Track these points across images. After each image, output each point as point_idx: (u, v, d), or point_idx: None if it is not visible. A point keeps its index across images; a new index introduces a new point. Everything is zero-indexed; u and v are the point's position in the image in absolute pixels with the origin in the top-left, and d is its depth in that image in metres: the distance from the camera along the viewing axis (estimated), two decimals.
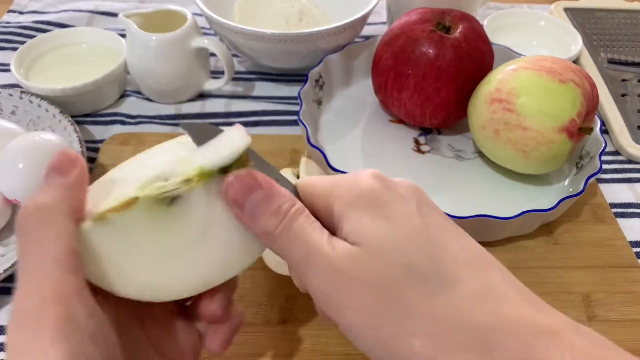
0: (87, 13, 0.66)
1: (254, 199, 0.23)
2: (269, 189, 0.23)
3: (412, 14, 0.48)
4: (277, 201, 0.23)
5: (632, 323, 0.38)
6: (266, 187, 0.23)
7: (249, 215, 0.23)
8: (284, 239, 0.22)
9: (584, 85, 0.41)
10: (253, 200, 0.23)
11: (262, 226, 0.23)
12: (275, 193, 0.23)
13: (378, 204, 0.22)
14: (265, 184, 0.23)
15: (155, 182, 0.23)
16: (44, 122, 0.48)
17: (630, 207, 0.47)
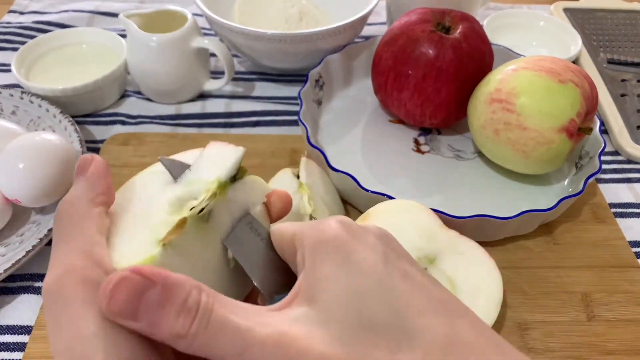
0: (87, 13, 0.66)
1: (148, 302, 0.18)
2: (164, 281, 0.18)
3: (412, 14, 0.48)
4: (180, 294, 0.18)
5: (632, 323, 0.38)
6: (159, 279, 0.18)
7: (148, 324, 0.18)
8: (203, 338, 0.18)
9: (584, 85, 0.41)
10: (147, 305, 0.18)
11: (169, 332, 0.18)
12: (173, 284, 0.18)
13: (341, 252, 0.21)
14: (156, 277, 0.18)
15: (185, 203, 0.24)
16: (45, 122, 0.48)
17: (630, 207, 0.47)
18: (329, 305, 0.19)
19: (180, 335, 0.18)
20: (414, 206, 0.38)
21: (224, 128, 0.53)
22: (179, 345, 0.18)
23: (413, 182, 0.47)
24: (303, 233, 0.22)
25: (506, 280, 0.40)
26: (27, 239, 0.40)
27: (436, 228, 0.37)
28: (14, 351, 0.36)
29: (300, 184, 0.40)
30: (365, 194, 0.41)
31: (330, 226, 0.22)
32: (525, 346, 0.37)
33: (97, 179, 0.24)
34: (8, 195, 0.40)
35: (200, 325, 0.18)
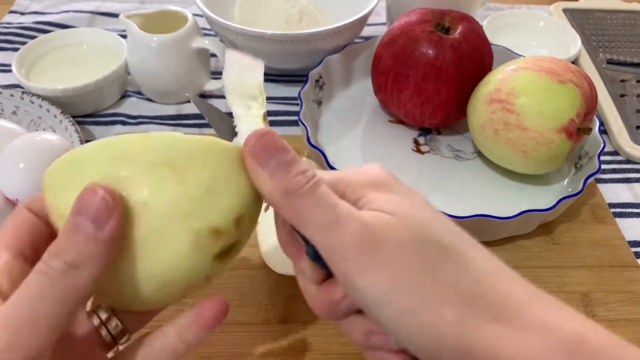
0: (88, 14, 0.66)
1: (281, 158, 0.22)
2: (295, 155, 0.22)
3: (411, 15, 0.48)
4: (303, 166, 0.22)
5: (631, 322, 0.38)
6: (292, 152, 0.22)
7: (270, 171, 0.22)
8: (307, 201, 0.21)
9: (583, 85, 0.42)
10: (278, 159, 0.22)
11: (284, 184, 0.21)
12: (299, 160, 0.22)
13: (393, 189, 0.23)
14: (291, 150, 0.22)
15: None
16: (45, 122, 0.48)
17: (629, 207, 0.47)
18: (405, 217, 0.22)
19: (291, 190, 0.21)
20: None
21: None
22: (281, 201, 0.22)
23: (413, 182, 0.47)
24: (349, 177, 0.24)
25: None
26: None
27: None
28: None
29: None
30: None
31: (379, 170, 0.24)
32: None
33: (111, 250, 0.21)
34: (8, 195, 0.40)
35: (312, 188, 0.21)
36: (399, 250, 0.21)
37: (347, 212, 0.21)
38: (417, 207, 0.23)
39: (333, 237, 0.21)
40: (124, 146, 0.21)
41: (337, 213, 0.21)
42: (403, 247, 0.21)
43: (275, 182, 0.22)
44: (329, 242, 0.21)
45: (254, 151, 0.22)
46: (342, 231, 0.21)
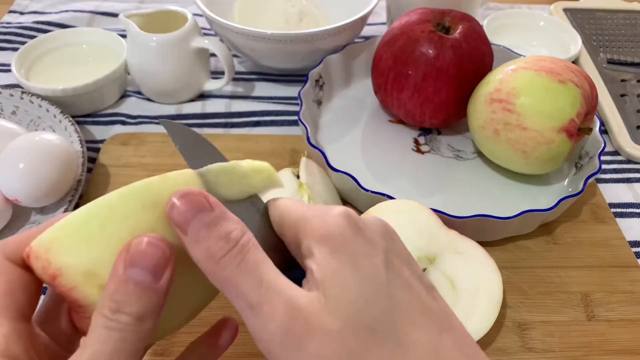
0: (87, 13, 0.66)
1: (201, 220, 0.20)
2: (221, 213, 0.21)
3: (412, 15, 0.48)
4: (227, 226, 0.21)
5: (631, 323, 0.38)
6: (218, 209, 0.21)
7: (193, 239, 0.20)
8: (231, 272, 0.20)
9: (584, 85, 0.41)
10: (199, 222, 0.20)
11: (205, 249, 0.20)
12: (226, 218, 0.21)
13: (345, 250, 0.21)
14: (217, 206, 0.21)
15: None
16: (45, 122, 0.48)
17: (630, 207, 0.47)
18: (336, 299, 0.20)
19: (215, 257, 0.20)
20: (413, 206, 0.38)
21: (224, 128, 0.53)
22: (208, 267, 0.20)
23: (413, 182, 0.47)
24: (308, 223, 0.22)
25: (506, 280, 0.40)
26: None
27: (436, 228, 0.37)
28: None
29: (300, 183, 0.40)
30: (365, 194, 0.41)
31: (335, 220, 0.22)
32: (525, 346, 0.37)
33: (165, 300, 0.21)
34: (8, 195, 0.40)
35: (235, 258, 0.20)
36: (326, 343, 0.19)
37: (277, 288, 0.20)
38: (360, 281, 0.21)
39: (256, 322, 0.20)
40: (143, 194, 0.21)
41: (263, 291, 0.20)
42: (331, 339, 0.19)
43: (197, 248, 0.20)
44: (252, 325, 0.20)
45: (173, 216, 0.21)
46: (266, 317, 0.20)
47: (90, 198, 0.44)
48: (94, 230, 0.21)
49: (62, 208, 0.41)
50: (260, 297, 0.20)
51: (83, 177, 0.44)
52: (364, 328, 0.20)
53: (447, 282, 0.36)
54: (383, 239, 0.23)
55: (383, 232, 0.23)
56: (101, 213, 0.21)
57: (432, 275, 0.36)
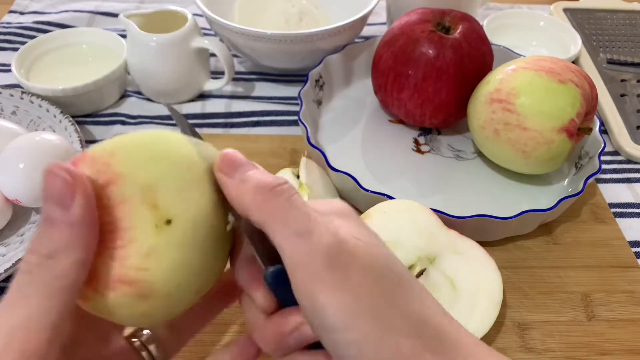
0: (87, 13, 0.66)
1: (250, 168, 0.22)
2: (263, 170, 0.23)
3: (412, 15, 0.48)
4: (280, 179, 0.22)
5: (631, 323, 0.38)
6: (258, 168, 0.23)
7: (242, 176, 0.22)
8: (281, 201, 0.21)
9: (584, 85, 0.41)
10: (248, 168, 0.22)
11: (255, 182, 0.21)
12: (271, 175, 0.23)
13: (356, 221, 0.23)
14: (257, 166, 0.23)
15: None
16: (45, 122, 0.48)
17: (629, 207, 0.47)
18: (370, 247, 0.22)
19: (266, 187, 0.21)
20: (413, 206, 0.38)
21: (224, 128, 0.53)
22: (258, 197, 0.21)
23: (413, 182, 0.47)
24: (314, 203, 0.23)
25: (506, 280, 0.40)
26: (27, 239, 0.40)
27: (436, 228, 0.37)
28: None
29: (301, 183, 0.40)
30: (365, 194, 0.41)
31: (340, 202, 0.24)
32: (525, 346, 0.37)
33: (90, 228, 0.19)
34: (8, 195, 0.40)
35: (285, 192, 0.21)
36: (365, 275, 0.21)
37: (323, 223, 0.21)
38: (379, 242, 0.23)
39: (303, 245, 0.20)
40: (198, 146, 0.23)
41: (312, 220, 0.21)
42: (369, 273, 0.21)
43: (247, 184, 0.21)
44: (298, 251, 0.20)
45: (223, 165, 0.22)
46: (315, 241, 0.20)
47: None
48: (158, 151, 0.22)
49: None
50: (309, 225, 0.21)
51: None
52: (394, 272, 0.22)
53: (447, 282, 0.36)
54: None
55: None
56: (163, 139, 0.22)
57: (432, 275, 0.36)
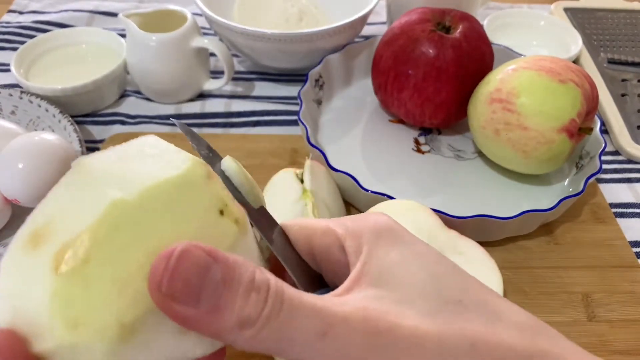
0: (87, 13, 0.66)
1: (212, 281, 0.15)
2: (225, 260, 0.16)
3: (412, 14, 0.48)
4: (246, 272, 0.16)
5: (632, 323, 0.38)
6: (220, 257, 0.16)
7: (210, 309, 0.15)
8: (276, 323, 0.16)
9: (584, 85, 0.41)
10: (211, 285, 0.15)
11: (237, 317, 0.16)
12: (234, 262, 0.16)
13: (401, 241, 0.20)
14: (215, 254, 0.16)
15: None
16: (44, 122, 0.48)
17: (630, 207, 0.47)
18: (405, 287, 0.18)
19: (251, 319, 0.16)
20: (414, 206, 0.38)
21: (223, 128, 0.52)
22: (242, 337, 0.16)
23: (413, 182, 0.47)
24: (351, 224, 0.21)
25: (506, 280, 0.40)
26: None
27: (436, 228, 0.37)
28: None
29: (304, 190, 0.40)
30: (365, 194, 0.41)
31: (379, 216, 0.21)
32: None
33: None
34: (7, 195, 0.40)
35: (275, 305, 0.16)
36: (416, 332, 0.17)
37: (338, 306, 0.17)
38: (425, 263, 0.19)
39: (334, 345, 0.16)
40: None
41: (325, 316, 0.17)
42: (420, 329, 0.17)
43: (223, 319, 0.16)
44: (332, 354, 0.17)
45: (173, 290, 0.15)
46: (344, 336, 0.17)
47: None
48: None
49: None
50: (325, 321, 0.16)
51: None
52: (448, 303, 0.18)
53: None
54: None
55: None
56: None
57: None
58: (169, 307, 0.15)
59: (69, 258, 0.15)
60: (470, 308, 0.19)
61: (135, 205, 0.16)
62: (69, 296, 0.15)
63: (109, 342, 0.15)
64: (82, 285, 0.15)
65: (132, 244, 0.16)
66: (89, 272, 0.15)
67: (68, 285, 0.15)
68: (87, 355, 0.15)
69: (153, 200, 0.16)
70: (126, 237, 0.16)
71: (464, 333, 0.18)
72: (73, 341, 0.15)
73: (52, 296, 0.15)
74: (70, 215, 0.16)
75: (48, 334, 0.15)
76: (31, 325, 0.15)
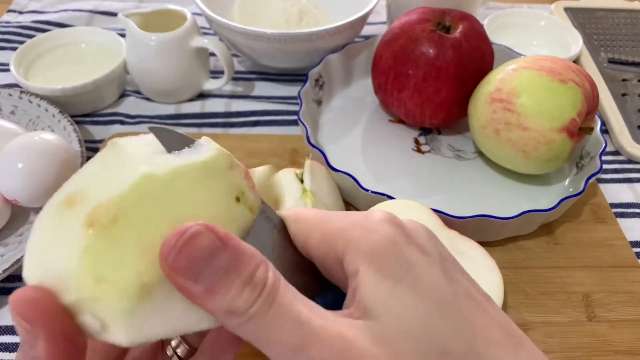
0: (86, 13, 0.66)
1: (214, 265, 0.16)
2: (236, 247, 0.17)
3: (412, 14, 0.48)
4: (250, 265, 0.17)
5: (632, 323, 0.38)
6: (231, 243, 0.17)
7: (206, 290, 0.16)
8: (262, 321, 0.16)
9: (584, 85, 0.41)
10: (214, 269, 0.16)
11: (227, 304, 0.16)
12: (243, 252, 0.17)
13: (400, 264, 0.18)
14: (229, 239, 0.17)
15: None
16: (44, 122, 0.48)
17: (631, 207, 0.47)
18: (394, 326, 0.17)
19: (239, 311, 0.16)
20: (414, 206, 0.38)
21: (223, 128, 0.52)
22: (229, 322, 0.17)
23: (413, 182, 0.47)
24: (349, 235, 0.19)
25: (506, 280, 0.40)
26: (26, 239, 0.40)
27: (436, 228, 0.37)
28: (14, 351, 0.36)
29: (304, 190, 0.40)
30: (365, 194, 0.41)
31: (383, 228, 0.19)
32: None
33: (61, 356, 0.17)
34: (7, 195, 0.40)
35: (264, 305, 0.16)
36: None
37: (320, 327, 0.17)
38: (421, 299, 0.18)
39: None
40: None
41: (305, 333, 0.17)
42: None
43: (215, 301, 0.17)
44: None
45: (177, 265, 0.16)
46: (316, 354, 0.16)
47: None
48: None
49: None
50: (303, 338, 0.17)
51: None
52: (434, 353, 0.17)
53: None
54: (432, 243, 0.20)
55: (429, 236, 0.20)
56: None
57: None
58: (173, 278, 0.17)
59: (100, 219, 0.17)
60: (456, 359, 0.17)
61: (163, 180, 0.18)
62: (97, 253, 0.17)
63: (128, 300, 0.17)
64: (110, 244, 0.17)
65: (156, 213, 0.17)
66: (117, 234, 0.17)
67: (97, 243, 0.17)
68: (107, 309, 0.17)
69: (179, 179, 0.18)
70: (152, 207, 0.17)
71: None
72: (96, 295, 0.17)
73: (82, 252, 0.17)
74: (103, 184, 0.18)
75: (74, 287, 0.17)
76: (59, 279, 0.17)
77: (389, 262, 0.18)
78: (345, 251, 0.19)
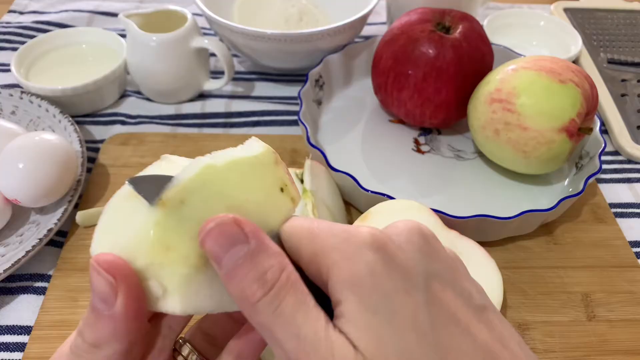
0: (87, 13, 0.66)
1: (235, 254, 0.18)
2: (258, 244, 0.19)
3: (412, 14, 0.48)
4: (263, 263, 0.18)
5: (632, 323, 0.38)
6: (254, 240, 0.19)
7: (226, 274, 0.19)
8: (267, 318, 0.18)
9: (584, 85, 0.41)
10: (233, 257, 0.18)
11: (240, 291, 0.18)
12: (263, 250, 0.19)
13: (378, 296, 0.18)
14: (253, 235, 0.19)
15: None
16: (44, 122, 0.48)
17: (630, 207, 0.47)
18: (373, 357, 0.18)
19: (248, 300, 0.18)
20: (414, 206, 0.38)
21: (223, 128, 0.53)
22: (243, 307, 0.19)
23: (413, 182, 0.47)
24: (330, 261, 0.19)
25: (506, 280, 0.40)
26: (26, 239, 0.40)
27: (436, 228, 0.37)
28: (14, 351, 0.36)
29: (305, 190, 0.40)
30: (365, 194, 0.41)
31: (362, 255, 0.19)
32: None
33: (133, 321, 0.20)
34: (8, 195, 0.40)
35: (271, 304, 0.18)
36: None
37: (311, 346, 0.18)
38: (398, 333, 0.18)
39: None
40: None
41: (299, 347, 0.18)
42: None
43: (230, 286, 0.19)
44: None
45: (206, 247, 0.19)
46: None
47: (90, 198, 0.44)
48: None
49: (62, 208, 0.41)
50: (297, 352, 0.18)
51: (83, 177, 0.44)
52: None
53: None
54: (421, 255, 0.20)
55: (420, 246, 0.20)
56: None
57: None
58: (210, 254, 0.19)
59: (170, 200, 0.20)
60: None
61: (221, 170, 0.20)
62: (167, 226, 0.19)
63: (188, 268, 0.20)
64: (177, 221, 0.20)
65: (215, 197, 0.20)
66: (183, 212, 0.20)
67: (167, 220, 0.19)
68: (171, 275, 0.20)
69: (234, 170, 0.21)
70: (212, 192, 0.20)
71: None
72: (163, 261, 0.19)
73: (154, 225, 0.19)
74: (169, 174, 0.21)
75: (145, 254, 0.20)
76: (130, 249, 0.20)
77: (367, 294, 0.18)
78: (328, 276, 0.19)
